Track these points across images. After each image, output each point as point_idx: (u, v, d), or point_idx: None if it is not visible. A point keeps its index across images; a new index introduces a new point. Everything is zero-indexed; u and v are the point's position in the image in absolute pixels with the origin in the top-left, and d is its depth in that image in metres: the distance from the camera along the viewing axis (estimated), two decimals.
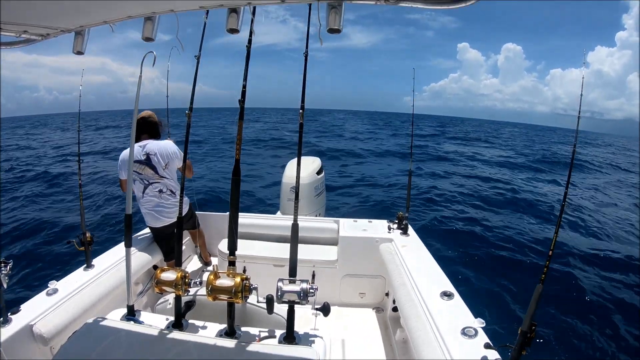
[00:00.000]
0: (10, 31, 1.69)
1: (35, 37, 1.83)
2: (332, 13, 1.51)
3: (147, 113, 3.45)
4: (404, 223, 3.48)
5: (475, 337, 1.98)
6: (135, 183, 3.29)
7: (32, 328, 2.10)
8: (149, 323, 1.93)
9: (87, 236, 2.77)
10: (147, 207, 3.36)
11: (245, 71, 1.81)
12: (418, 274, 2.70)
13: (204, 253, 3.99)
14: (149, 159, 3.26)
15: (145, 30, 1.76)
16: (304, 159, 4.60)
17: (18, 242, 7.19)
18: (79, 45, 1.86)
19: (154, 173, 3.28)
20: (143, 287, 3.25)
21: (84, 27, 1.80)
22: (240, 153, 1.81)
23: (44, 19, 1.61)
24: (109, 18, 1.68)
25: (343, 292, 3.50)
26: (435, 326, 2.09)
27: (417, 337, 2.10)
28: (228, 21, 1.68)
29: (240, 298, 1.71)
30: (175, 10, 1.64)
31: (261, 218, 3.92)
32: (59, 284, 2.50)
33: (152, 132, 3.41)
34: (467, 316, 2.19)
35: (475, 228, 8.50)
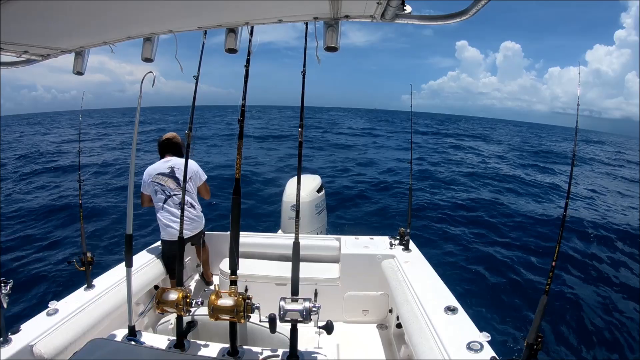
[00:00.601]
0: (11, 51, 1.71)
1: (35, 58, 1.85)
2: (329, 32, 1.53)
3: (172, 134, 3.68)
4: (406, 239, 3.46)
5: (481, 352, 1.96)
6: (156, 195, 3.43)
7: (32, 348, 2.07)
8: (150, 344, 1.91)
9: (87, 256, 2.75)
10: (165, 219, 3.42)
11: (244, 91, 1.82)
12: (421, 290, 2.68)
13: (207, 272, 3.97)
14: (173, 171, 3.46)
15: (144, 51, 1.78)
16: (304, 177, 4.61)
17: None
18: (78, 65, 1.88)
19: (176, 185, 3.43)
20: (144, 307, 3.22)
21: (84, 48, 1.82)
22: (241, 172, 1.81)
23: (44, 39, 1.63)
24: (108, 39, 1.71)
25: (346, 309, 3.47)
26: (440, 341, 2.06)
27: (422, 353, 2.07)
28: (226, 41, 1.71)
29: (243, 317, 1.70)
30: (174, 30, 1.66)
31: (262, 237, 3.91)
32: (59, 304, 2.48)
33: (175, 151, 3.62)
34: (472, 330, 2.17)
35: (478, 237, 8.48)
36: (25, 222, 9.28)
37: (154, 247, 3.65)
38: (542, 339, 1.66)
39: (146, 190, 3.47)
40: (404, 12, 1.33)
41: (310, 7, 1.42)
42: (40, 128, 42.73)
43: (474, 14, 1.26)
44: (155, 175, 3.43)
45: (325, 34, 1.54)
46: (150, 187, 3.43)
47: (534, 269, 6.87)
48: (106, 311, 2.59)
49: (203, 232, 3.71)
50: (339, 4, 1.33)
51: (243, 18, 1.55)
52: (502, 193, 13.12)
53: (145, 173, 3.49)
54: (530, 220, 10.04)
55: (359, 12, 1.41)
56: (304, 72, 1.94)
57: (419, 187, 12.57)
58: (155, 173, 3.44)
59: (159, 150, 3.64)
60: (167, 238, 3.47)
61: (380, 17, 1.36)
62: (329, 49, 1.55)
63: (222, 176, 11.48)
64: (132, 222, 1.99)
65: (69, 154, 19.05)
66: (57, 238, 8.25)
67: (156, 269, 3.39)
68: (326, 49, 1.57)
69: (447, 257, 7.28)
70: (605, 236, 8.99)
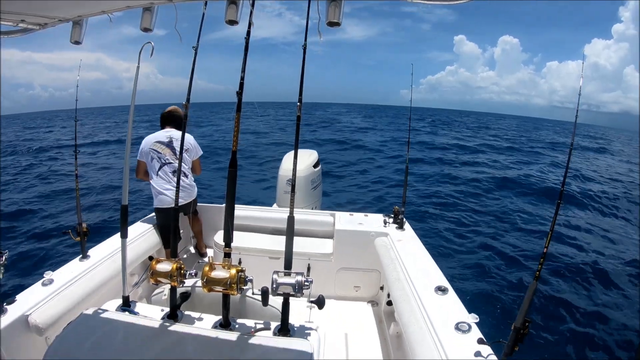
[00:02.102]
0: (7, 20, 1.67)
1: (32, 27, 1.81)
2: (332, 6, 1.50)
3: (174, 108, 3.75)
4: (400, 217, 3.48)
5: (469, 333, 1.99)
6: (152, 162, 3.49)
7: (27, 318, 2.09)
8: (144, 314, 1.93)
9: (83, 227, 2.76)
10: (159, 187, 3.48)
11: (244, 63, 1.79)
12: (413, 269, 2.70)
13: (200, 243, 4.01)
14: (171, 141, 3.55)
15: (143, 20, 1.75)
16: (301, 151, 4.58)
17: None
18: (76, 34, 1.85)
19: (172, 154, 3.50)
20: (138, 278, 3.25)
21: (82, 17, 1.79)
22: (237, 145, 1.80)
23: (41, 8, 1.60)
24: (107, 8, 1.67)
25: (338, 285, 3.51)
26: (429, 321, 2.10)
27: (411, 332, 2.11)
28: (227, 12, 1.67)
29: (236, 290, 1.72)
30: (174, 1, 1.63)
31: (257, 210, 3.92)
32: (54, 275, 2.49)
33: (176, 124, 3.68)
34: (461, 311, 2.20)
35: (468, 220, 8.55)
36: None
37: (149, 218, 3.67)
38: (529, 324, 1.69)
39: (142, 158, 3.51)
40: None
41: None
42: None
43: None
44: (154, 143, 3.50)
45: (328, 9, 1.51)
46: (147, 154, 3.48)
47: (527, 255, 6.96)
48: (101, 281, 2.61)
49: (195, 201, 3.77)
50: None
51: None
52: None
53: (143, 141, 3.54)
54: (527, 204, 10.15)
55: None
56: (304, 46, 1.92)
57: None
58: (153, 140, 3.51)
59: (161, 122, 3.72)
60: (160, 206, 3.51)
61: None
62: (331, 24, 1.53)
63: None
64: (127, 193, 1.99)
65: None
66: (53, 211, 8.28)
67: (151, 240, 3.41)
68: (328, 24, 1.54)
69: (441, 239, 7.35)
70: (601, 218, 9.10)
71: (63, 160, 15.41)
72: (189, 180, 3.64)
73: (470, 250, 7.03)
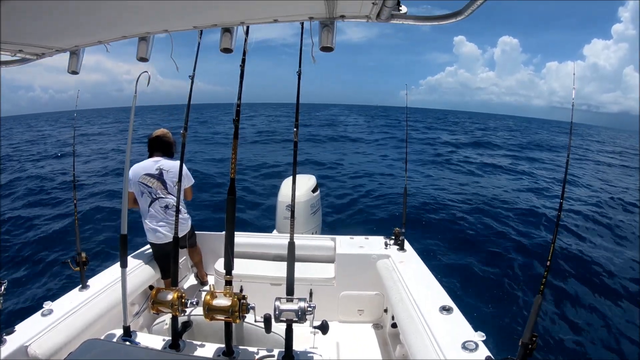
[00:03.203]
0: (6, 50, 1.70)
1: (30, 57, 1.84)
2: (324, 31, 1.53)
3: (163, 132, 3.54)
4: (401, 239, 3.47)
5: (476, 351, 1.96)
6: (142, 196, 3.34)
7: (27, 349, 2.07)
8: (145, 344, 1.91)
9: (82, 256, 2.74)
10: (151, 223, 3.37)
11: (240, 90, 1.82)
12: (416, 289, 2.69)
13: (201, 272, 3.96)
14: (162, 174, 3.35)
15: (139, 50, 1.77)
16: (299, 177, 4.60)
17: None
18: (73, 65, 1.87)
19: (163, 188, 3.34)
20: (139, 307, 3.21)
21: (79, 47, 1.81)
22: (236, 173, 1.81)
23: (39, 38, 1.62)
24: (103, 38, 1.70)
25: (341, 309, 3.48)
26: (435, 341, 2.07)
27: (417, 353, 2.08)
28: (222, 41, 1.70)
29: (238, 318, 1.70)
30: (169, 30, 1.66)
31: (257, 237, 3.91)
32: (54, 305, 2.47)
33: (166, 150, 3.50)
34: (467, 330, 2.17)
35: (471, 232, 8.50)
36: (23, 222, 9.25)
37: (149, 247, 3.63)
38: (536, 338, 1.67)
39: (131, 189, 3.34)
40: (400, 12, 1.34)
41: (305, 7, 1.42)
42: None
43: (469, 14, 1.27)
44: (143, 176, 3.32)
45: (321, 33, 1.53)
46: (136, 187, 3.33)
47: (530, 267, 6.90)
48: (101, 311, 2.59)
49: (190, 233, 3.69)
50: (334, 4, 1.33)
51: (238, 18, 1.55)
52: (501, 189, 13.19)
53: (131, 170, 3.33)
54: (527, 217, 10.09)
55: (355, 12, 1.42)
56: (299, 73, 1.94)
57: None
58: (143, 173, 3.33)
59: (148, 147, 3.51)
60: (154, 241, 3.42)
61: (375, 17, 1.36)
62: (324, 48, 1.55)
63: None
64: (127, 223, 1.98)
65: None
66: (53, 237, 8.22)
67: (151, 269, 3.39)
68: (321, 49, 1.56)
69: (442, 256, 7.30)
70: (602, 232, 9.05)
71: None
72: (181, 215, 3.33)
73: (473, 266, 6.98)
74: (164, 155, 3.46)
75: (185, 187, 3.53)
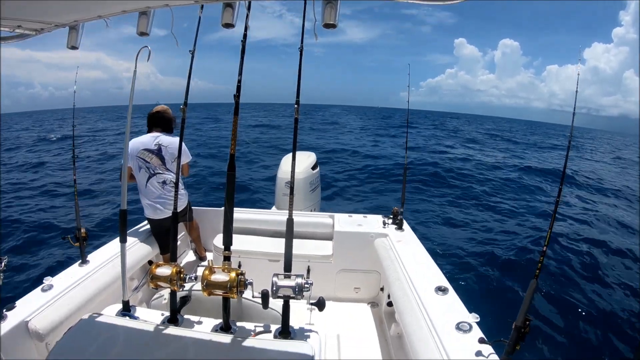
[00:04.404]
0: (4, 26, 1.68)
1: (29, 32, 1.82)
2: (327, 8, 1.50)
3: (163, 108, 3.53)
4: (399, 218, 3.48)
5: (470, 332, 1.99)
6: (140, 171, 3.34)
7: (27, 324, 2.09)
8: (144, 318, 1.93)
9: (82, 232, 2.76)
10: (148, 198, 3.38)
11: (241, 65, 1.80)
12: (413, 269, 2.71)
13: (199, 247, 3.99)
14: (160, 149, 3.35)
15: (140, 25, 1.74)
16: (299, 153, 4.58)
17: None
18: (73, 39, 1.85)
19: (161, 164, 3.34)
20: (138, 282, 3.24)
21: (78, 22, 1.78)
22: (235, 148, 1.80)
23: (38, 13, 1.59)
24: (103, 13, 1.67)
25: (338, 287, 3.51)
26: (430, 321, 2.10)
27: (412, 332, 2.11)
28: (223, 16, 1.67)
29: (236, 293, 1.71)
30: (170, 4, 1.63)
31: (256, 213, 3.92)
32: (54, 280, 2.49)
33: (165, 126, 3.48)
34: (461, 311, 2.20)
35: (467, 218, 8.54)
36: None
37: (147, 223, 3.65)
38: (530, 322, 1.69)
39: (129, 163, 3.32)
40: None
41: None
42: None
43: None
44: (141, 151, 3.31)
45: (324, 10, 1.51)
46: (134, 161, 3.32)
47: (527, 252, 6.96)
48: (100, 286, 2.62)
49: (188, 208, 3.70)
50: None
51: None
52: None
53: (130, 144, 3.30)
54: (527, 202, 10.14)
55: None
56: (301, 48, 1.92)
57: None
58: (141, 148, 3.32)
59: (148, 122, 3.51)
60: (152, 216, 3.44)
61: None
62: (327, 25, 1.53)
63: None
64: (126, 198, 1.99)
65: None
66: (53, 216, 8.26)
67: (150, 244, 3.41)
68: (324, 26, 1.54)
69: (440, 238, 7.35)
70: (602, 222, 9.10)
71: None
72: (179, 191, 3.47)
73: (470, 249, 7.03)
74: (163, 131, 3.45)
75: (182, 163, 3.49)
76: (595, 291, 5.76)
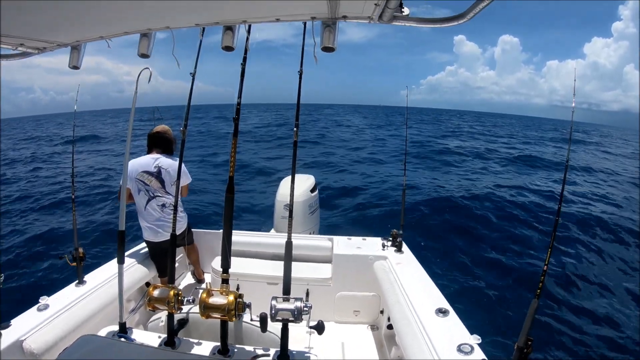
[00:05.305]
0: (7, 44, 1.70)
1: (31, 51, 1.84)
2: (326, 32, 1.52)
3: (164, 128, 3.46)
4: (398, 240, 3.46)
5: (472, 354, 1.96)
6: (139, 194, 3.29)
7: (22, 344, 2.06)
8: (141, 341, 1.91)
9: (79, 252, 2.74)
10: (147, 220, 3.33)
11: (240, 89, 1.82)
12: (413, 291, 2.69)
13: (198, 270, 3.94)
14: (160, 172, 3.29)
15: (141, 46, 1.77)
16: (298, 177, 4.60)
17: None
18: (75, 59, 1.87)
19: (160, 187, 3.29)
20: (135, 304, 3.21)
21: (80, 42, 1.81)
22: (234, 170, 1.80)
23: (41, 32, 1.62)
24: (105, 33, 1.70)
25: (337, 310, 3.47)
26: (431, 343, 2.07)
27: (413, 355, 2.08)
28: (223, 39, 1.70)
29: (234, 316, 1.70)
30: (171, 27, 1.65)
31: (255, 236, 3.90)
32: (50, 300, 2.46)
33: (165, 147, 3.42)
34: (462, 333, 2.17)
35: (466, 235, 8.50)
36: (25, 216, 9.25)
37: (145, 245, 3.62)
38: (532, 343, 1.68)
39: (128, 184, 3.23)
40: (402, 14, 1.34)
41: (308, 7, 1.42)
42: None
43: (471, 17, 1.27)
44: (140, 173, 3.26)
45: (323, 33, 1.53)
46: (133, 183, 3.26)
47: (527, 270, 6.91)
48: (97, 307, 2.58)
49: (187, 231, 3.65)
50: (336, 4, 1.33)
51: (240, 16, 1.54)
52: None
53: (129, 165, 3.22)
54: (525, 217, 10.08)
55: (357, 13, 1.41)
56: (300, 72, 1.94)
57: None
58: (140, 170, 3.27)
59: (148, 143, 3.44)
60: (151, 239, 3.39)
61: (377, 19, 1.36)
62: (325, 49, 1.55)
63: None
64: (124, 219, 1.98)
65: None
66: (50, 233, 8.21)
67: (148, 266, 3.38)
68: (323, 49, 1.56)
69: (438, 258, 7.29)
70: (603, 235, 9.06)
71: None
72: (178, 214, 3.38)
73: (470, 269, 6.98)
74: (163, 153, 3.40)
75: (182, 185, 3.44)
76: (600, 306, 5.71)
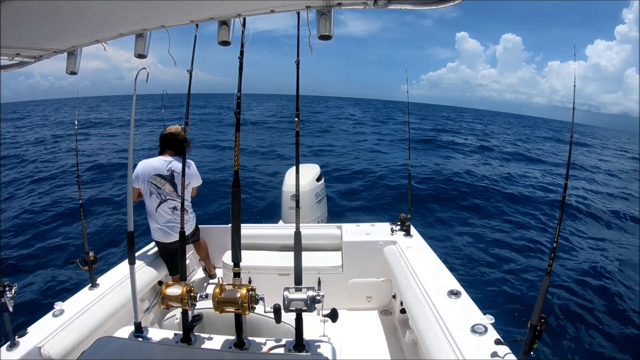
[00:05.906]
0: (3, 54, 1.70)
1: (28, 60, 1.84)
2: (322, 20, 1.51)
3: (177, 129, 3.41)
4: (407, 224, 3.47)
5: (485, 334, 1.98)
6: (151, 196, 3.29)
7: (40, 350, 2.09)
8: (157, 339, 1.93)
9: (90, 255, 2.76)
10: (158, 222, 3.34)
11: (239, 82, 1.81)
12: (424, 275, 2.69)
13: (208, 265, 3.97)
14: (173, 176, 3.28)
15: (137, 47, 1.76)
16: (303, 166, 4.59)
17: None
18: (72, 65, 1.87)
19: (173, 190, 3.29)
20: (149, 303, 3.24)
21: (76, 47, 1.81)
22: (239, 165, 1.80)
23: (36, 41, 1.62)
24: (100, 37, 1.69)
25: (350, 297, 3.49)
26: (445, 326, 2.08)
27: (427, 338, 2.09)
28: (219, 34, 1.69)
29: (247, 309, 1.71)
30: (165, 25, 1.64)
31: (263, 228, 3.92)
32: (64, 305, 2.49)
33: (178, 149, 3.36)
34: (475, 313, 2.18)
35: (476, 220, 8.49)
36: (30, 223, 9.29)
37: (154, 245, 3.64)
38: (545, 320, 1.68)
39: (138, 185, 3.27)
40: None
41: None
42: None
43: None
44: (153, 176, 3.26)
45: (319, 22, 1.52)
46: (145, 185, 3.27)
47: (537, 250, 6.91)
48: (112, 309, 2.61)
49: (195, 230, 3.66)
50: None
51: (235, 10, 1.53)
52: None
53: (140, 166, 3.27)
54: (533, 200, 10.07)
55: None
56: (297, 62, 1.93)
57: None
58: (153, 173, 3.26)
59: (160, 143, 3.42)
60: (161, 240, 3.40)
61: (373, 4, 1.34)
62: (322, 37, 1.53)
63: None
64: (133, 220, 1.99)
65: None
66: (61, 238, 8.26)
67: (159, 265, 3.41)
68: (320, 38, 1.55)
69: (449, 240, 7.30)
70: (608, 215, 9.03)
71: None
72: (187, 215, 3.41)
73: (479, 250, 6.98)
74: (175, 155, 3.37)
75: (193, 186, 3.51)
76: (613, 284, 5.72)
